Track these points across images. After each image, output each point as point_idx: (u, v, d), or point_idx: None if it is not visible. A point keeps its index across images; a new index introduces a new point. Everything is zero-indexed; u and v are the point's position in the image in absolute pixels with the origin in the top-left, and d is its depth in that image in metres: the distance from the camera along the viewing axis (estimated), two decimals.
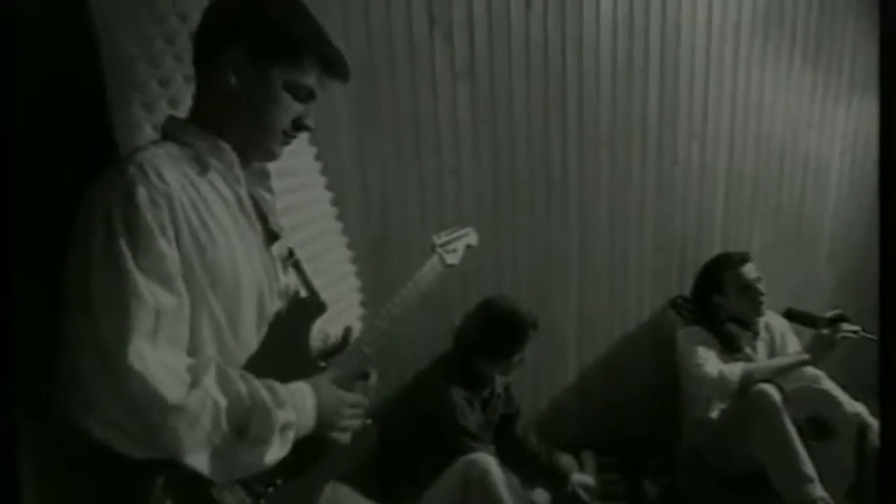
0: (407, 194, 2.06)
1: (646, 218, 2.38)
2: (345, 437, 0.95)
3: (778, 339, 2.25)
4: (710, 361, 1.99)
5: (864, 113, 2.65)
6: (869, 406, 2.04)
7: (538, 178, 2.21)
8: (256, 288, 0.93)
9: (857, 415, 1.99)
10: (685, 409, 2.28)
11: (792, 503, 1.78)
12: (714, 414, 2.12)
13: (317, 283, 1.70)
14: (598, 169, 2.27)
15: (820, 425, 2.00)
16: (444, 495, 1.71)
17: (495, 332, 1.84)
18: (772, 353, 2.24)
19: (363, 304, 1.94)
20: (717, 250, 2.40)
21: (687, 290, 2.35)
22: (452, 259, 1.38)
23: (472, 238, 1.48)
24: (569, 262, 2.32)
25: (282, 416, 0.81)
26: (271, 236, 1.00)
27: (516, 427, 2.13)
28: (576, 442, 2.38)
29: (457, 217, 2.06)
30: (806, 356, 1.92)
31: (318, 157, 1.84)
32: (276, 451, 0.81)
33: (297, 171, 1.69)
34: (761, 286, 2.12)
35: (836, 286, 2.73)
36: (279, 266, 1.02)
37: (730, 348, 2.13)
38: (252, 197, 0.99)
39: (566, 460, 2.14)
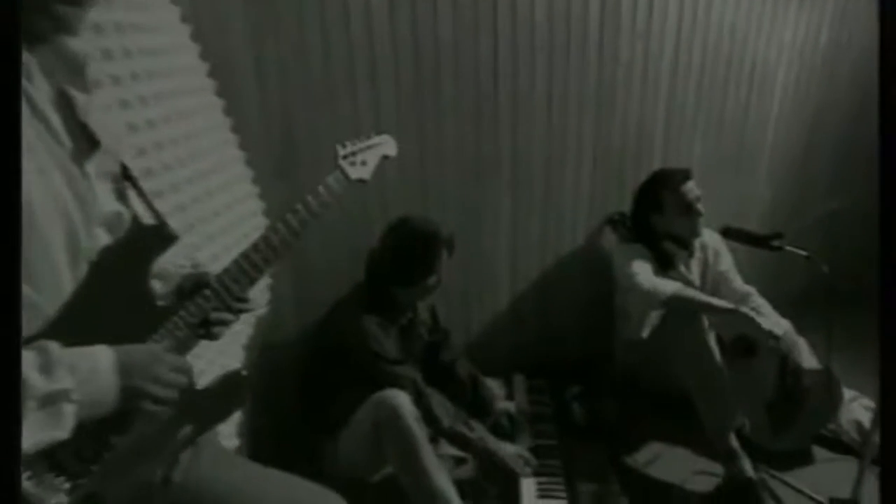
0: (314, 104, 1.80)
1: (584, 129, 2.21)
2: (158, 409, 0.76)
3: (711, 257, 2.21)
4: (643, 274, 1.92)
5: (814, 22, 2.50)
6: (795, 323, 2.04)
7: (466, 83, 1.98)
8: (61, 216, 0.72)
9: (785, 334, 1.99)
10: (618, 330, 2.24)
11: (710, 425, 1.78)
12: (646, 334, 2.08)
13: (208, 206, 1.50)
14: (533, 74, 2.06)
15: (747, 343, 2.00)
16: (358, 434, 1.62)
17: (405, 253, 1.68)
18: (705, 270, 2.20)
19: None
20: (657, 165, 2.30)
21: (625, 207, 2.24)
22: (360, 173, 1.18)
23: (388, 147, 1.27)
24: (500, 177, 2.15)
25: (45, 385, 0.63)
26: (89, 147, 0.78)
27: (444, 354, 2.04)
28: (507, 365, 2.33)
29: (374, 129, 1.83)
30: (734, 308, 1.86)
31: (203, 57, 1.56)
32: (39, 429, 0.63)
33: (173, 71, 1.41)
34: (700, 206, 2.03)
35: (773, 202, 2.70)
36: (103, 186, 0.80)
37: (665, 266, 2.07)
38: (63, 96, 0.76)
39: (493, 388, 2.08)
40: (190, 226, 1.36)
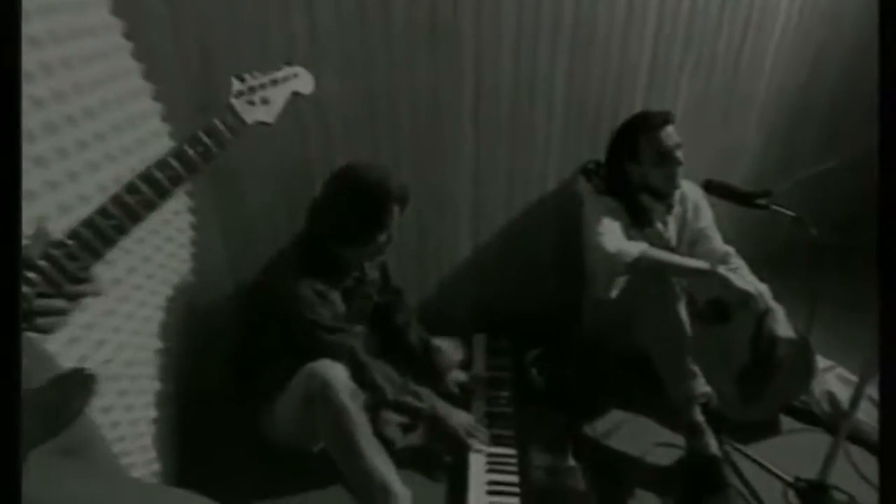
0: (239, 32, 1.53)
1: (558, 69, 1.96)
2: None
3: (690, 212, 2.03)
4: (610, 234, 1.74)
5: None
6: (774, 288, 1.90)
7: (420, 10, 1.71)
8: None
9: (760, 296, 1.84)
10: (587, 288, 2.09)
11: (674, 398, 1.66)
12: (614, 294, 1.92)
13: (99, 150, 1.26)
14: (499, 3, 1.79)
15: (721, 308, 1.86)
16: (290, 406, 1.48)
17: (351, 208, 1.48)
18: (682, 226, 2.03)
19: None
20: (637, 110, 2.06)
21: (600, 156, 2.03)
22: (261, 114, 0.96)
23: (300, 83, 1.04)
24: (461, 119, 1.92)
25: None
26: None
27: (396, 316, 1.88)
28: (468, 323, 2.19)
29: (311, 60, 1.58)
30: (710, 269, 1.68)
31: None
32: None
33: None
34: (680, 154, 1.83)
35: (763, 153, 2.49)
36: None
37: (640, 222, 1.89)
38: None
39: (448, 352, 1.94)
40: (72, 175, 1.14)
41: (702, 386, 1.64)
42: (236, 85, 0.94)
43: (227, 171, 1.68)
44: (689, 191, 1.99)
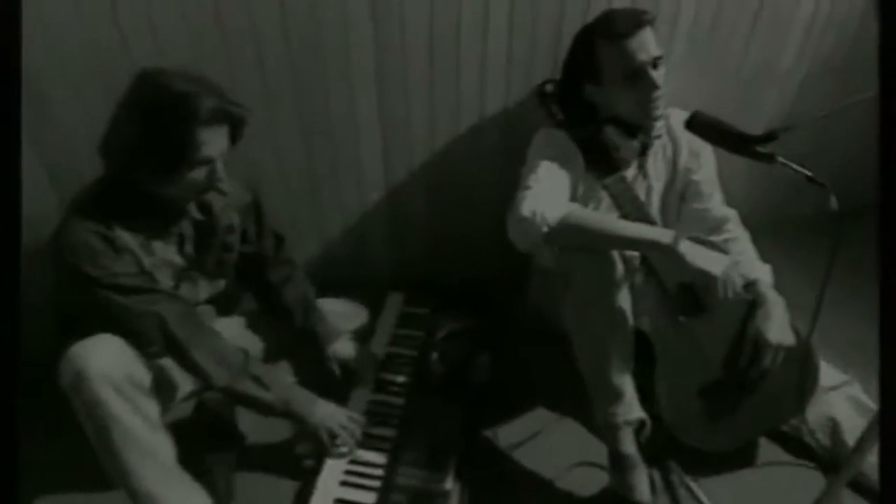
0: None
1: None
2: None
3: (684, 157, 1.47)
4: (538, 188, 1.23)
5: None
6: (777, 267, 1.38)
7: None
8: None
9: (753, 284, 1.33)
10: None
11: (597, 419, 1.22)
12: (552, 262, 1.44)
13: None
14: None
15: (692, 295, 1.37)
16: None
17: (143, 128, 1.05)
18: (672, 174, 1.49)
19: None
20: None
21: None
22: None
23: None
24: (360, 22, 1.41)
25: None
26: None
27: (270, 271, 1.49)
28: (384, 281, 1.78)
29: None
30: (657, 239, 1.17)
31: None
32: None
33: None
34: (658, 73, 1.28)
35: (804, 81, 1.85)
36: None
37: (601, 166, 1.36)
38: None
39: (343, 314, 1.55)
40: None
41: (629, 412, 1.18)
42: None
43: (35, 90, 1.29)
44: (683, 128, 1.44)
